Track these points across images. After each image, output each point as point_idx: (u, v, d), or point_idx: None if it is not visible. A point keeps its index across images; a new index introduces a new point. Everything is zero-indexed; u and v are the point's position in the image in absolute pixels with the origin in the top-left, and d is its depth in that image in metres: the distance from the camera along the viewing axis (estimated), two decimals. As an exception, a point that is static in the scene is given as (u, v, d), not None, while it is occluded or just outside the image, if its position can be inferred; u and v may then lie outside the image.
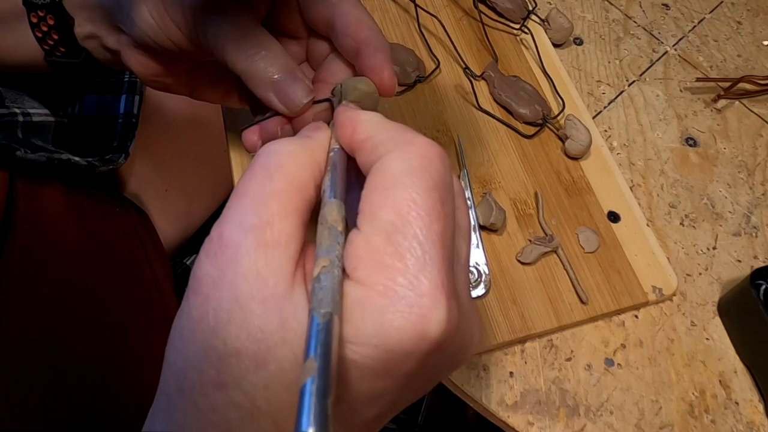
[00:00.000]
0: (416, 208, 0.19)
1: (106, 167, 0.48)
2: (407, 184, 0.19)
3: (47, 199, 0.43)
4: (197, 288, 0.19)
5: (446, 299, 0.18)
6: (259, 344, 0.17)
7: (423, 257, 0.18)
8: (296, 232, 0.19)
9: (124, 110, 0.51)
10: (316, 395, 0.15)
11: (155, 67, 0.32)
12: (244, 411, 0.17)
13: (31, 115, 0.44)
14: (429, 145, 0.20)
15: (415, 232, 0.18)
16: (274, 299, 0.18)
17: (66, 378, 0.38)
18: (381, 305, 0.18)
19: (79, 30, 0.34)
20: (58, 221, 0.43)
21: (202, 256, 0.19)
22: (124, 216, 0.51)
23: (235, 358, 0.17)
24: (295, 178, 0.20)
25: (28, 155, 0.40)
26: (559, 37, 0.51)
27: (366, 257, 0.18)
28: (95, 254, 0.45)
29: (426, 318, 0.17)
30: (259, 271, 0.18)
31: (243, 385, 0.17)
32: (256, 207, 0.19)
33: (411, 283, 0.18)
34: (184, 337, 0.18)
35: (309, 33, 0.32)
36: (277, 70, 0.28)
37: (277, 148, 0.21)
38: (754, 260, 0.43)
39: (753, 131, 0.50)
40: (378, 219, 0.19)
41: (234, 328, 0.17)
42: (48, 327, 0.39)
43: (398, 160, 0.20)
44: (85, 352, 0.40)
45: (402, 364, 0.18)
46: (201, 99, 0.36)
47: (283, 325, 0.17)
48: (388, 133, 0.21)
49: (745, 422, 0.37)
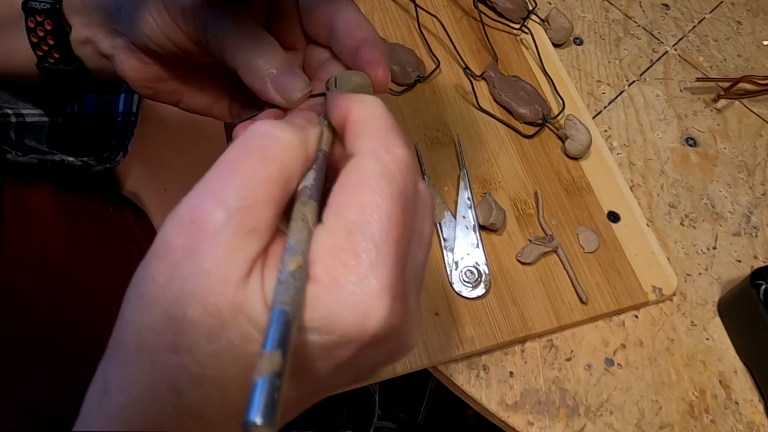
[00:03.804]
0: (379, 212, 0.20)
1: (102, 166, 0.47)
2: (375, 189, 0.20)
3: (35, 199, 0.43)
4: (164, 255, 0.19)
5: (391, 300, 0.19)
6: (214, 319, 0.19)
7: (376, 259, 0.19)
8: (274, 222, 0.20)
9: (124, 109, 0.51)
10: (269, 388, 0.16)
11: (147, 72, 0.33)
12: (194, 375, 0.19)
13: (25, 116, 0.43)
14: (405, 155, 0.22)
15: (374, 234, 0.20)
16: (235, 282, 0.19)
17: (57, 380, 0.38)
18: (331, 299, 0.19)
19: (75, 35, 0.34)
20: (48, 221, 0.42)
21: (175, 223, 0.20)
22: (119, 216, 0.51)
23: (191, 328, 0.19)
24: (286, 171, 0.21)
25: (19, 158, 0.40)
26: (559, 37, 0.51)
27: (324, 252, 0.20)
28: (86, 254, 0.45)
29: (368, 314, 0.19)
30: (231, 253, 0.19)
31: (195, 353, 0.19)
32: (243, 190, 0.20)
33: (360, 280, 0.19)
34: (145, 300, 0.20)
35: (306, 44, 0.33)
36: (275, 63, 0.29)
37: (278, 135, 0.21)
38: (754, 260, 0.43)
39: (753, 131, 0.50)
40: (342, 216, 0.20)
41: (195, 301, 0.19)
42: (41, 327, 0.39)
43: (373, 163, 0.21)
44: (79, 351, 0.40)
45: (341, 351, 0.20)
46: (189, 109, 0.36)
47: (236, 307, 0.19)
48: (376, 128, 0.22)
49: (745, 422, 0.37)
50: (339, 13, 0.30)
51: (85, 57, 0.35)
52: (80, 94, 0.51)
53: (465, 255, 0.40)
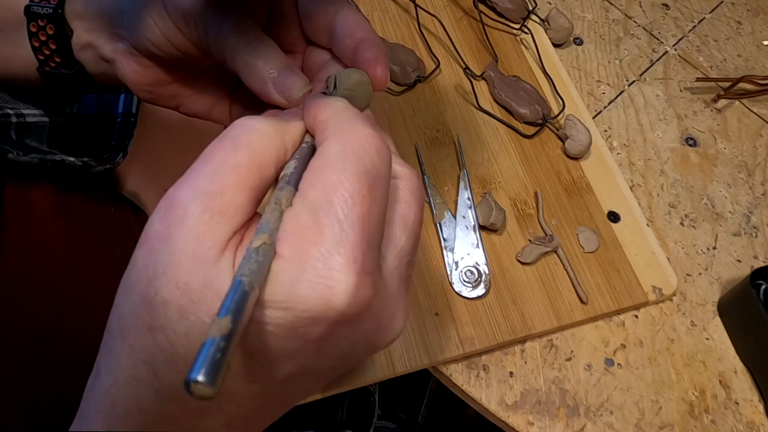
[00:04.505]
0: (342, 190, 0.20)
1: (103, 167, 0.47)
2: (338, 168, 0.21)
3: (36, 199, 0.43)
4: (143, 241, 0.20)
5: (356, 275, 0.19)
6: (184, 297, 0.19)
7: (340, 234, 0.20)
8: (245, 206, 0.21)
9: (123, 109, 0.51)
10: (214, 350, 0.16)
11: (148, 76, 0.33)
12: (167, 354, 0.19)
13: (25, 116, 0.44)
14: (370, 136, 0.22)
15: (336, 211, 0.20)
16: (204, 261, 0.19)
17: (63, 378, 0.38)
18: (294, 274, 0.19)
19: (76, 40, 0.35)
20: (49, 221, 0.43)
21: (155, 213, 0.21)
22: (119, 215, 0.51)
23: (163, 306, 0.19)
24: (258, 157, 0.21)
25: (20, 158, 0.40)
26: (559, 37, 0.51)
27: (290, 231, 0.20)
28: (88, 254, 0.45)
29: (332, 289, 0.19)
30: (199, 233, 0.20)
31: (167, 332, 0.19)
32: (213, 175, 0.21)
33: (323, 256, 0.19)
34: (127, 284, 0.20)
35: (305, 46, 0.34)
36: (275, 64, 0.29)
37: (250, 125, 0.22)
38: (754, 260, 0.43)
39: (753, 131, 0.50)
40: (307, 197, 0.21)
41: (166, 280, 0.19)
42: (43, 327, 0.39)
43: (336, 144, 0.21)
44: (78, 351, 0.40)
45: (309, 328, 0.20)
46: (189, 113, 0.37)
47: (206, 284, 0.19)
48: (340, 119, 0.23)
49: (745, 422, 0.37)
50: (338, 14, 0.30)
51: (86, 62, 0.36)
52: (81, 96, 0.51)
53: (465, 255, 0.40)
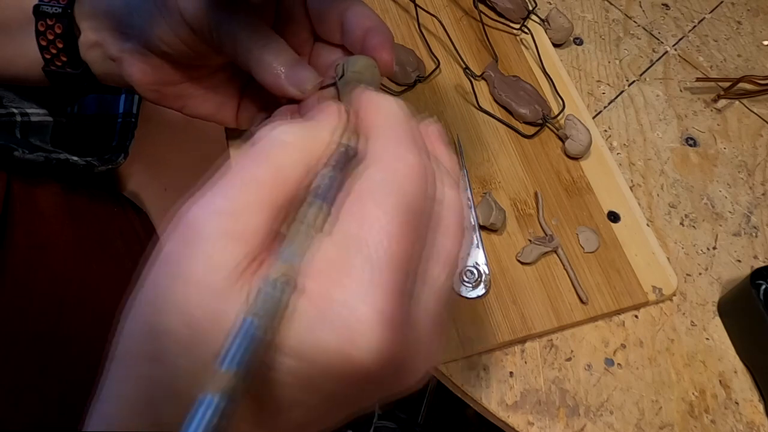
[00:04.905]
0: (379, 226, 0.18)
1: (105, 167, 0.48)
2: (379, 200, 0.18)
3: (43, 198, 0.43)
4: (154, 260, 0.18)
5: (383, 329, 0.17)
6: (189, 330, 0.17)
7: (370, 278, 0.17)
8: (264, 226, 0.18)
9: (124, 110, 0.51)
10: (212, 414, 0.13)
11: (155, 75, 0.33)
12: (167, 390, 0.18)
13: (29, 115, 0.44)
14: (417, 163, 0.20)
15: (370, 251, 0.17)
16: (214, 291, 0.17)
17: (64, 377, 0.38)
18: (313, 317, 0.17)
19: (83, 39, 0.35)
20: (54, 220, 0.43)
21: (168, 228, 0.18)
22: (122, 216, 0.51)
23: (167, 338, 0.17)
24: (283, 172, 0.19)
25: (26, 155, 0.40)
26: (559, 37, 0.51)
27: (317, 265, 0.18)
28: (92, 253, 0.45)
29: (354, 343, 0.17)
30: (212, 260, 0.17)
31: (168, 366, 0.17)
32: (230, 191, 0.18)
33: (348, 301, 0.17)
34: (134, 307, 0.19)
35: (311, 48, 0.34)
36: (286, 58, 0.30)
37: (274, 136, 0.20)
38: (754, 260, 0.43)
39: (753, 131, 0.50)
40: (340, 227, 0.18)
41: (172, 308, 0.17)
42: (46, 326, 0.39)
43: (381, 172, 0.19)
44: (83, 351, 0.40)
45: (325, 382, 0.17)
46: (194, 114, 0.37)
47: (215, 319, 0.17)
48: (387, 129, 0.21)
49: (745, 422, 0.37)
50: (348, 9, 0.31)
51: (92, 61, 0.36)
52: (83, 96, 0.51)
53: (465, 255, 0.40)
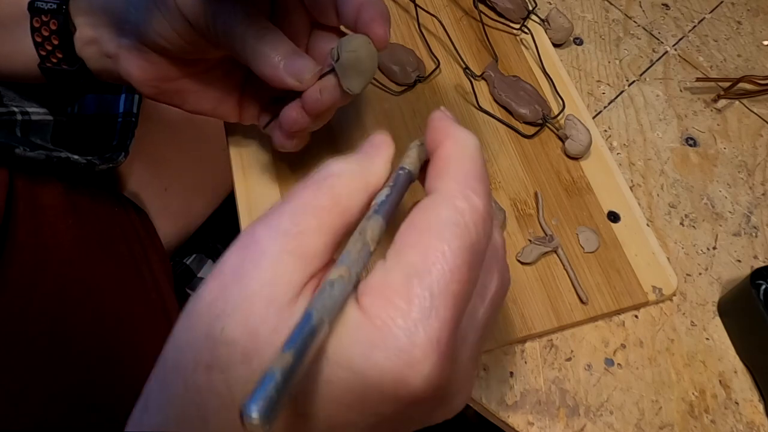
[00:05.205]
0: (443, 261, 0.19)
1: (106, 165, 0.48)
2: (444, 236, 0.19)
3: (46, 197, 0.43)
4: (216, 275, 0.19)
5: (437, 357, 0.18)
6: (250, 341, 0.18)
7: (430, 309, 0.18)
8: (325, 250, 0.20)
9: (124, 109, 0.51)
10: (276, 386, 0.15)
11: (153, 71, 0.33)
12: (222, 399, 0.18)
13: (30, 114, 0.44)
14: (483, 206, 0.21)
15: (432, 283, 0.18)
16: (276, 305, 0.18)
17: (65, 377, 0.38)
18: (373, 338, 0.18)
19: (79, 36, 0.35)
20: (57, 220, 0.43)
21: (233, 247, 0.20)
22: (123, 215, 0.51)
23: (227, 347, 0.18)
24: (341, 201, 0.21)
25: (28, 153, 0.40)
26: (559, 37, 0.51)
27: (378, 288, 0.19)
28: (94, 253, 0.45)
29: (412, 368, 0.18)
30: (275, 276, 0.19)
31: (226, 374, 0.18)
32: (294, 216, 0.20)
33: (409, 328, 0.18)
34: (192, 317, 0.19)
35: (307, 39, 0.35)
36: (283, 49, 0.30)
37: (334, 170, 0.21)
38: (754, 260, 0.43)
39: (753, 131, 0.50)
40: (404, 257, 0.19)
41: (235, 319, 0.18)
42: (47, 326, 0.39)
43: (448, 210, 0.20)
44: (84, 350, 0.40)
45: (377, 404, 0.18)
46: (193, 110, 0.37)
47: (276, 330, 0.18)
48: (460, 170, 0.21)
49: (745, 422, 0.37)
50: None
51: (89, 58, 0.36)
52: (82, 95, 0.51)
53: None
